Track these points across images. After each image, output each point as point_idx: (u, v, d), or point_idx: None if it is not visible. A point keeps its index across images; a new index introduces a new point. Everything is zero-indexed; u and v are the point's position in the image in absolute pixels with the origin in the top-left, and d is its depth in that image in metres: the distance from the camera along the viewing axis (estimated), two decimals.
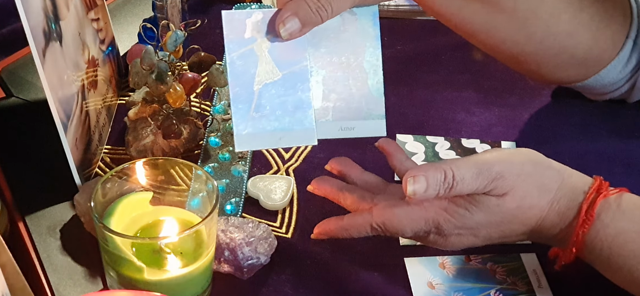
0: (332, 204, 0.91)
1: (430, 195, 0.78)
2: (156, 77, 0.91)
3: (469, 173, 0.78)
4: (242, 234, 0.82)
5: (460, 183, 0.78)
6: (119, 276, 0.78)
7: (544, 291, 0.82)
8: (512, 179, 0.78)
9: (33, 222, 0.88)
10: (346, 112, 0.80)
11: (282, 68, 0.79)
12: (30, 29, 0.81)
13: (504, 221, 0.80)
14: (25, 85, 1.02)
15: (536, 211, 0.80)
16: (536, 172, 0.80)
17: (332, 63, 0.80)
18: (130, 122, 0.95)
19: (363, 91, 0.80)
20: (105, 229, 0.76)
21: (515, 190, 0.79)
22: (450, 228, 0.80)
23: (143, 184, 0.83)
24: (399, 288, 0.83)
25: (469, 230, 0.80)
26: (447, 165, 0.78)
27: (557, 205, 0.79)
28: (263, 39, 0.78)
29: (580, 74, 0.98)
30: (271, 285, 0.83)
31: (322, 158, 0.96)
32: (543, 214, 0.80)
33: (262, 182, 0.92)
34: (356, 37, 0.80)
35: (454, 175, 0.78)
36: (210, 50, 0.99)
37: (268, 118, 0.78)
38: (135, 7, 1.15)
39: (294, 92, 0.78)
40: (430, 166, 0.79)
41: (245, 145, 0.78)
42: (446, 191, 0.78)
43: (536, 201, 0.79)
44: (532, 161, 0.80)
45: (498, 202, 0.79)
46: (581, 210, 0.78)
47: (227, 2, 1.16)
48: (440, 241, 0.82)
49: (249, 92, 0.78)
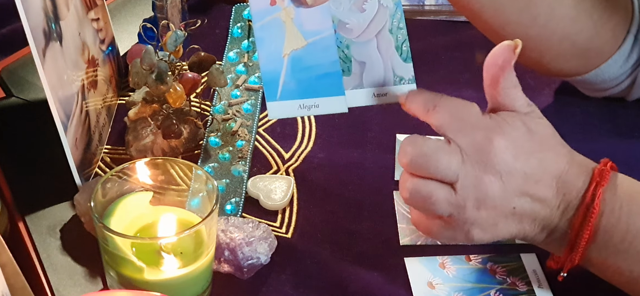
0: (333, 203, 0.91)
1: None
2: (156, 77, 0.91)
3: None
4: (242, 234, 0.82)
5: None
6: (119, 276, 0.78)
7: (544, 291, 0.82)
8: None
9: (33, 222, 0.88)
10: (376, 79, 0.80)
11: (308, 36, 0.78)
12: (30, 28, 0.81)
13: (542, 145, 0.77)
14: (25, 85, 1.02)
15: (565, 151, 0.78)
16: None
17: (358, 30, 0.80)
18: (130, 122, 0.95)
19: (391, 57, 0.80)
20: (105, 229, 0.76)
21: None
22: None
23: (143, 184, 0.83)
24: (399, 288, 0.83)
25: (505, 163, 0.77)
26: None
27: (571, 166, 0.78)
28: (288, 7, 0.78)
29: (582, 66, 0.98)
30: (271, 285, 0.83)
31: (322, 157, 0.96)
32: (568, 159, 0.78)
33: (262, 182, 0.92)
34: (379, 3, 0.80)
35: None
36: (210, 50, 0.99)
37: (298, 87, 0.78)
38: (135, 7, 1.15)
39: (322, 60, 0.78)
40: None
41: (277, 113, 0.78)
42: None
43: (562, 144, 0.79)
44: None
45: (540, 119, 0.78)
46: (594, 174, 0.78)
47: (227, 2, 1.16)
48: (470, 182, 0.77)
49: (278, 61, 0.78)
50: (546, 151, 0.78)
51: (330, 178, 0.94)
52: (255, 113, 1.00)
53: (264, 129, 0.99)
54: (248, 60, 1.07)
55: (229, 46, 1.09)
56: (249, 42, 1.10)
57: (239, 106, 1.01)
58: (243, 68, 1.06)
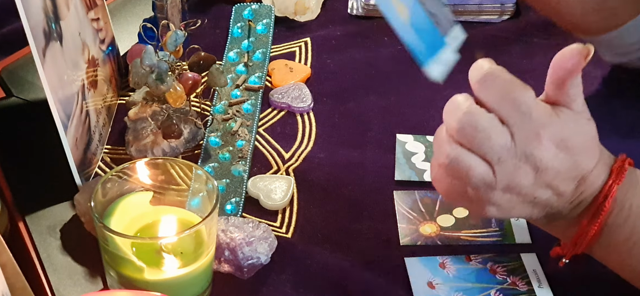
0: (334, 203, 0.91)
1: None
2: (156, 77, 0.91)
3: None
4: (242, 234, 0.82)
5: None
6: (119, 276, 0.78)
7: (544, 291, 0.82)
8: None
9: (33, 222, 0.88)
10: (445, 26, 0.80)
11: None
12: (30, 28, 0.81)
13: (582, 146, 0.76)
14: (25, 85, 1.02)
15: (598, 151, 0.77)
16: None
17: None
18: (130, 122, 0.95)
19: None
20: (106, 229, 0.76)
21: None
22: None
23: (143, 184, 0.83)
24: (399, 288, 0.83)
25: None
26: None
27: (596, 166, 0.78)
28: None
29: (609, 22, 0.96)
30: (271, 285, 0.83)
31: (323, 157, 0.96)
32: (597, 159, 0.77)
33: (262, 182, 0.92)
34: None
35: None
36: (210, 50, 0.99)
37: (434, 38, 0.78)
38: (135, 7, 1.15)
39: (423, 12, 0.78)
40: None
41: (439, 72, 0.79)
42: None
43: (598, 145, 0.78)
44: None
45: (588, 120, 0.77)
46: (612, 171, 0.77)
47: (227, 2, 1.16)
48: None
49: (406, 28, 0.78)
50: (583, 152, 0.77)
51: (330, 178, 0.94)
52: (256, 113, 1.00)
53: (264, 129, 0.99)
54: (248, 60, 1.07)
55: (229, 46, 1.09)
56: (249, 42, 1.10)
57: (239, 106, 1.01)
58: (243, 68, 1.06)
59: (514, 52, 1.10)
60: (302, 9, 1.14)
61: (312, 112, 1.02)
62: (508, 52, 1.09)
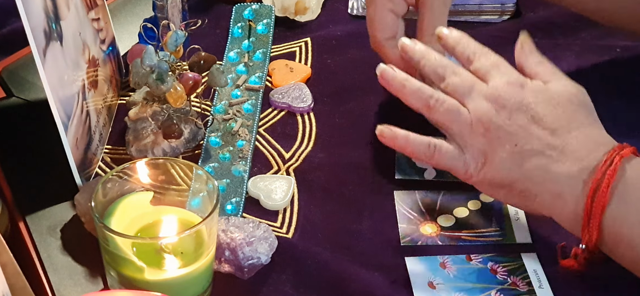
0: (334, 203, 0.91)
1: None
2: (157, 77, 0.91)
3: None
4: (243, 234, 0.82)
5: None
6: (120, 276, 0.78)
7: (545, 291, 0.82)
8: None
9: (33, 222, 0.88)
10: None
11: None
12: (30, 28, 0.81)
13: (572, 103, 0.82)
14: (25, 85, 1.02)
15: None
16: None
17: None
18: (130, 122, 0.95)
19: None
20: (106, 229, 0.76)
21: None
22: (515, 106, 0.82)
23: (143, 184, 0.83)
24: (399, 287, 0.82)
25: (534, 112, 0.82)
26: None
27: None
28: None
29: None
30: (272, 285, 0.83)
31: (323, 157, 0.96)
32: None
33: (263, 182, 0.92)
34: None
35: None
36: (211, 50, 0.99)
37: None
38: (136, 7, 1.15)
39: None
40: None
41: None
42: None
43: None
44: None
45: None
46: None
47: (228, 2, 1.16)
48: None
49: None
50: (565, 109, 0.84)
51: (330, 178, 0.94)
52: (256, 113, 1.00)
53: (265, 129, 0.99)
54: (248, 60, 1.07)
55: (230, 46, 1.09)
56: (249, 42, 1.10)
57: (240, 106, 1.01)
58: (243, 68, 1.06)
59: (513, 52, 1.10)
60: (303, 9, 1.14)
61: (313, 112, 1.02)
62: (508, 52, 1.08)
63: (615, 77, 1.06)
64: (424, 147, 0.84)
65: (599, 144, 0.80)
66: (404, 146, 0.85)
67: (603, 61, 1.08)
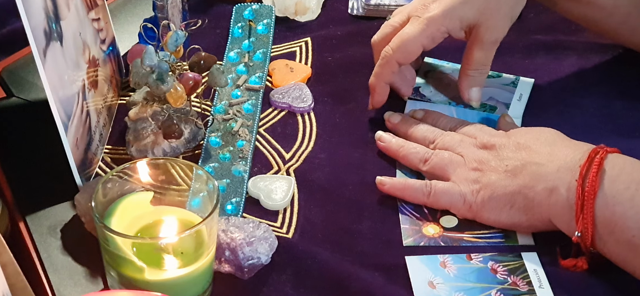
0: (334, 203, 0.91)
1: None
2: (157, 77, 0.91)
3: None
4: (243, 234, 0.82)
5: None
6: (120, 276, 0.78)
7: (545, 291, 0.82)
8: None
9: (34, 222, 0.88)
10: None
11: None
12: (30, 28, 0.81)
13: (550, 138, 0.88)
14: (25, 85, 1.02)
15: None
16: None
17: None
18: (130, 122, 0.95)
19: None
20: (106, 229, 0.76)
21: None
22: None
23: (144, 184, 0.83)
24: (399, 287, 0.82)
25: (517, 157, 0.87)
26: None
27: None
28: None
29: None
30: (272, 285, 0.83)
31: (323, 158, 0.96)
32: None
33: (263, 182, 0.92)
34: None
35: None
36: (211, 50, 0.99)
37: None
38: (136, 7, 1.15)
39: None
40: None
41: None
42: None
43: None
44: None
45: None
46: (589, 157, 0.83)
47: (228, 2, 1.16)
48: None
49: None
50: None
51: (330, 178, 0.93)
52: (256, 113, 1.00)
53: (265, 129, 0.99)
54: (249, 60, 1.07)
55: (230, 46, 1.09)
56: (250, 42, 1.10)
57: (240, 106, 1.01)
58: (244, 68, 1.06)
59: (515, 52, 1.10)
60: (303, 9, 1.14)
61: (313, 112, 1.02)
62: (508, 52, 1.08)
63: (616, 77, 1.06)
64: (420, 188, 0.90)
65: (583, 147, 0.86)
66: (402, 192, 0.90)
67: (604, 60, 1.08)
